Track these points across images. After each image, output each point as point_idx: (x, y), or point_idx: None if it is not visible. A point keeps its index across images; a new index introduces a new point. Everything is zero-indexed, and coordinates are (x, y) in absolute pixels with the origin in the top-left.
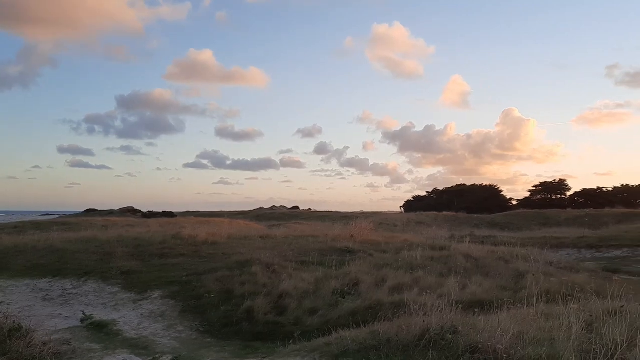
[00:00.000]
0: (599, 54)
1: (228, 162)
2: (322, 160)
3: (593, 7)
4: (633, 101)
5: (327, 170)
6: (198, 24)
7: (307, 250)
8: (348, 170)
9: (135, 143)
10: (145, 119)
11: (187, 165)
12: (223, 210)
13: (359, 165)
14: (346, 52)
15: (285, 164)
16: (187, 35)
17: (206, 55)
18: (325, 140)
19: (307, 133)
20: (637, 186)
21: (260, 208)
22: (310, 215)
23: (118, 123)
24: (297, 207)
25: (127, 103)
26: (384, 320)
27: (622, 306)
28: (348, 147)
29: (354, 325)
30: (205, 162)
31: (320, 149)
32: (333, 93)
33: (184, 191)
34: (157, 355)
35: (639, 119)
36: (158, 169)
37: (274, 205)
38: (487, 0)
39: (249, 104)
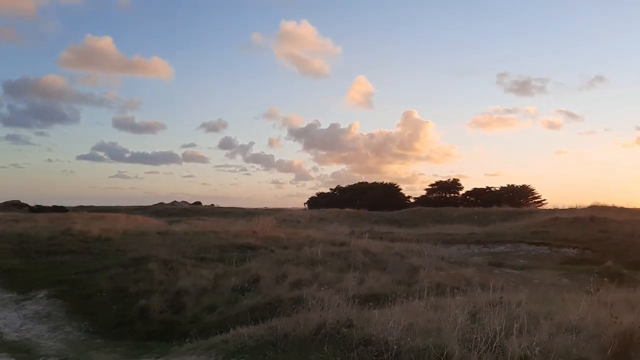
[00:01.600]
0: (491, 62)
1: (127, 155)
2: (226, 156)
3: (487, 17)
4: (520, 108)
5: (231, 166)
6: (97, 9)
7: (208, 246)
8: (253, 166)
9: (23, 132)
10: (35, 107)
11: (81, 157)
12: (120, 205)
13: (264, 161)
14: (253, 47)
15: (188, 158)
16: (85, 20)
17: (105, 42)
18: (231, 135)
19: (212, 127)
20: (521, 186)
21: (161, 203)
22: (213, 211)
23: (4, 110)
24: (199, 203)
25: (14, 89)
26: (283, 316)
27: (502, 297)
28: (253, 143)
29: (253, 322)
30: (101, 154)
31: (225, 144)
32: (239, 88)
33: (77, 185)
34: (40, 359)
35: (525, 124)
36: (49, 160)
37: (175, 201)
38: (393, 5)
39: (151, 95)
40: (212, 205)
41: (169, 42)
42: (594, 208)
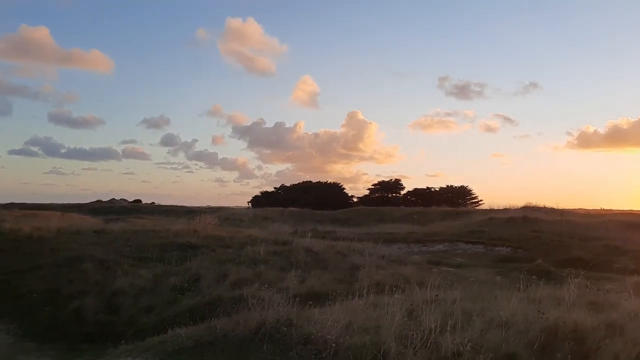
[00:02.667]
0: (433, 66)
1: (63, 151)
2: (168, 153)
3: (430, 21)
4: (459, 111)
5: (173, 163)
6: None
7: (147, 245)
8: (196, 164)
9: None
10: None
11: (13, 152)
12: (55, 202)
13: (208, 159)
14: (198, 43)
15: (128, 154)
16: (19, 9)
17: (41, 33)
18: (173, 132)
19: (154, 123)
20: (459, 187)
21: (98, 201)
22: (154, 210)
23: None
24: (139, 201)
25: None
26: (224, 316)
27: (437, 295)
28: (197, 140)
29: (193, 322)
30: (35, 149)
31: (167, 141)
32: (183, 84)
33: (8, 180)
34: None
35: (463, 127)
36: None
37: (113, 198)
38: (339, 6)
39: (90, 89)
40: (153, 203)
41: (109, 35)
42: (526, 209)
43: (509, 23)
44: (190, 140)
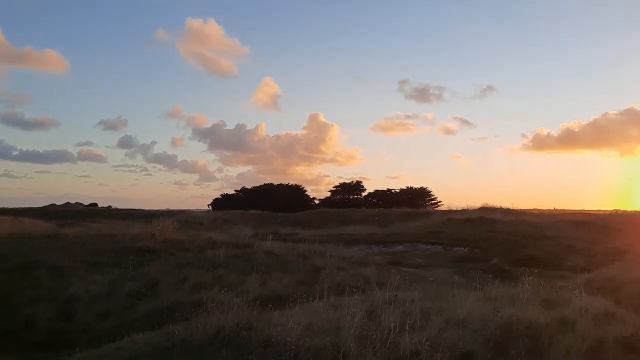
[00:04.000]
0: (393, 69)
1: (14, 153)
2: (126, 155)
3: (390, 24)
4: (419, 114)
5: (131, 166)
6: None
7: (103, 250)
8: (155, 167)
9: None
10: None
11: None
12: (6, 207)
13: (167, 161)
14: (157, 44)
15: (83, 157)
16: None
17: None
18: (131, 134)
19: (111, 125)
20: (419, 188)
21: (52, 205)
22: (111, 213)
23: None
24: (95, 204)
25: None
26: (182, 320)
27: (396, 295)
28: (155, 142)
29: (150, 328)
30: None
31: (125, 143)
32: (141, 85)
33: None
34: None
35: (423, 129)
36: None
37: (68, 202)
38: (300, 9)
39: (43, 90)
40: (110, 207)
41: (64, 34)
42: (483, 209)
43: (467, 28)
44: (148, 143)
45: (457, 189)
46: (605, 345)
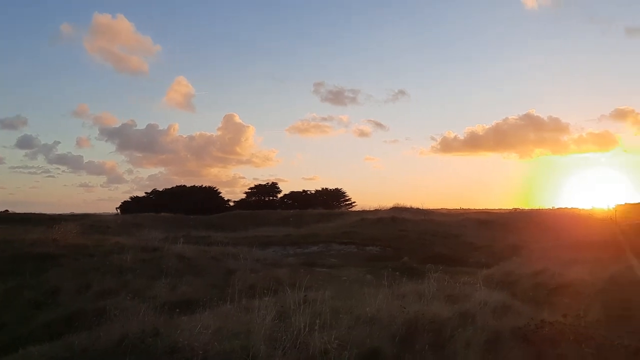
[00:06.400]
0: (309, 71)
1: None
2: (25, 156)
3: (305, 26)
4: (334, 116)
5: (31, 167)
6: None
7: None
8: (58, 168)
9: None
10: None
11: None
12: None
13: (72, 162)
14: (62, 39)
15: None
16: None
17: None
18: (31, 134)
19: (9, 124)
20: (334, 190)
21: None
22: (7, 218)
23: None
24: None
25: None
26: (84, 329)
27: (306, 295)
28: (59, 143)
29: (49, 339)
30: None
31: (25, 143)
32: (43, 82)
33: None
34: None
35: (338, 131)
36: None
37: None
38: (217, 8)
39: None
40: (7, 211)
41: None
42: (395, 209)
43: (381, 33)
44: (51, 143)
45: (371, 189)
46: (502, 336)
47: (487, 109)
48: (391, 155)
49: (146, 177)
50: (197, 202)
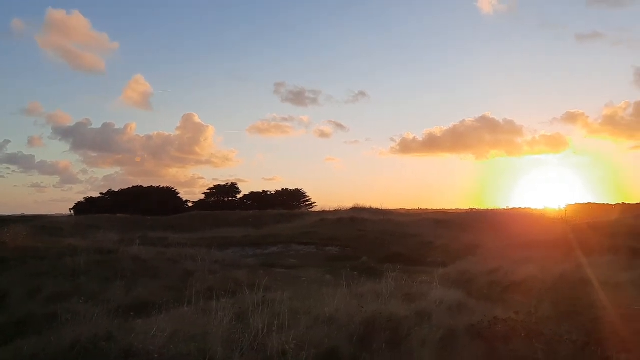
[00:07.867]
0: (270, 71)
1: None
2: None
3: (266, 25)
4: (295, 117)
5: None
6: None
7: None
8: (8, 168)
9: None
10: None
11: None
12: None
13: (23, 162)
14: (13, 35)
15: None
16: None
17: None
18: None
19: None
20: (294, 190)
21: None
22: None
23: None
24: None
25: None
26: (35, 334)
27: (264, 296)
28: (9, 142)
29: None
30: None
31: None
32: None
33: None
34: None
35: (299, 132)
36: None
37: None
38: (176, 6)
39: None
40: None
41: None
42: (354, 209)
43: (342, 33)
44: (0, 142)
45: (331, 190)
46: (456, 333)
47: (444, 111)
48: (351, 156)
49: (101, 177)
50: (155, 202)
